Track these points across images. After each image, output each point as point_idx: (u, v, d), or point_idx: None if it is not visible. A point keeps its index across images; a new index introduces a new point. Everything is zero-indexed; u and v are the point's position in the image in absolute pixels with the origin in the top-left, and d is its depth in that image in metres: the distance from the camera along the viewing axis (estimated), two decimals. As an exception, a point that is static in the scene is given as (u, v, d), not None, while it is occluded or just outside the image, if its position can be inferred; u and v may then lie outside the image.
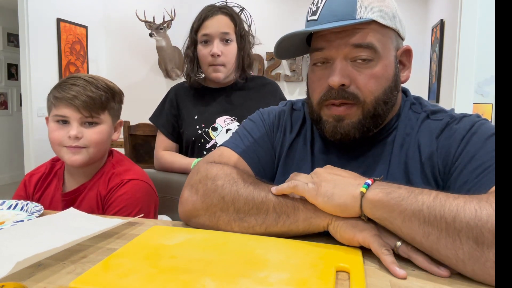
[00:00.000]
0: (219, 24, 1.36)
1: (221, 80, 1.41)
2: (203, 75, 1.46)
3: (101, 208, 1.01)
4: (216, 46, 1.35)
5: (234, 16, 1.39)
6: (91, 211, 0.94)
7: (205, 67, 1.39)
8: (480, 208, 0.50)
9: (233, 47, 1.39)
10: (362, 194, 0.57)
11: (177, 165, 1.37)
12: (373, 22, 0.68)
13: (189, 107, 1.44)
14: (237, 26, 1.39)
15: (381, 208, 0.56)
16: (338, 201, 0.59)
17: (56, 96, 0.98)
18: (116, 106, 1.06)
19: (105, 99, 1.00)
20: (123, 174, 1.02)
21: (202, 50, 1.38)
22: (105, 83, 1.03)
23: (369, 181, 0.59)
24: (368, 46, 0.67)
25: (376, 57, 0.68)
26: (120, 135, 1.12)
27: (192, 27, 1.41)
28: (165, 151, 1.44)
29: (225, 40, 1.37)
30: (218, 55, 1.35)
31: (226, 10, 1.39)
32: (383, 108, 0.71)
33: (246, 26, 1.46)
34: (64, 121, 0.98)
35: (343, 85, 0.68)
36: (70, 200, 1.01)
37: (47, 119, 1.03)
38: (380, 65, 0.69)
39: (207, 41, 1.37)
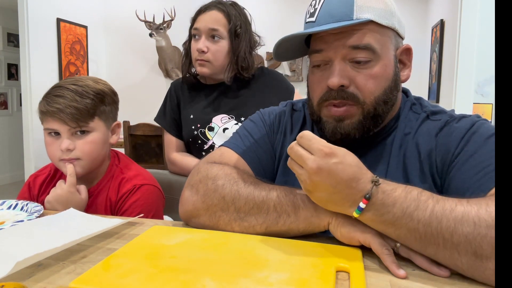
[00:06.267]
0: (209, 19, 1.31)
1: (207, 75, 1.36)
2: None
3: (110, 213, 1.00)
4: (202, 42, 1.30)
5: (229, 13, 1.32)
6: None
7: (194, 62, 1.35)
8: (479, 221, 0.50)
9: (221, 45, 1.32)
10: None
11: (191, 168, 1.33)
12: (370, 22, 0.67)
13: (186, 104, 1.40)
14: (231, 23, 1.32)
15: (376, 225, 0.57)
16: (335, 208, 0.60)
17: (42, 110, 0.96)
18: (107, 108, 1.01)
19: (91, 106, 0.95)
20: (133, 179, 1.01)
21: (192, 45, 1.34)
22: (92, 88, 0.97)
23: (362, 204, 0.56)
24: (366, 47, 0.67)
25: (375, 57, 0.68)
26: (120, 137, 1.11)
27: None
28: (177, 152, 1.40)
29: (213, 37, 1.31)
30: (203, 51, 1.30)
31: (222, 6, 1.32)
32: (383, 108, 0.71)
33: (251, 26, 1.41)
34: (56, 133, 0.97)
35: (342, 86, 0.68)
36: None
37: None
38: (379, 65, 0.69)
39: (196, 35, 1.33)
